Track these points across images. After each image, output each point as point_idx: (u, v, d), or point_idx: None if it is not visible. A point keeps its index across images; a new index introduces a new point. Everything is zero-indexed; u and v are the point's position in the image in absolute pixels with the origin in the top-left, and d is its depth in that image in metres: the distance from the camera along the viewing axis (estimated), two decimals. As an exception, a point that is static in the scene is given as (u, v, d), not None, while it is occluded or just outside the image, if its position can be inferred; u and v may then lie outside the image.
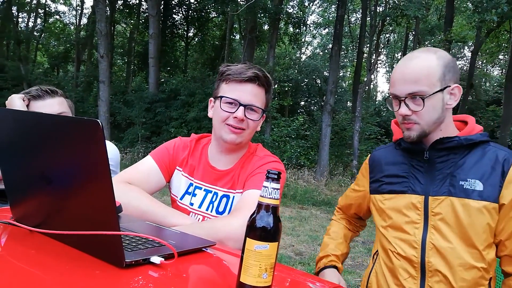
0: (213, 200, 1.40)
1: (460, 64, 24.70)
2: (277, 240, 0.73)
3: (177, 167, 1.48)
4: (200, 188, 1.43)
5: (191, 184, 1.45)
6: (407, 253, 1.26)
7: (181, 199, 1.47)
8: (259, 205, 0.74)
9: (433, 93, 1.20)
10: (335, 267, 1.47)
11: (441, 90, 1.21)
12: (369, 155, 1.50)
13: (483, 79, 24.21)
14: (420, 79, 1.20)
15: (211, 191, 1.41)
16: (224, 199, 1.39)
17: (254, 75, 1.33)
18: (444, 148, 1.25)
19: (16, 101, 1.64)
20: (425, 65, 1.21)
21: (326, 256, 1.51)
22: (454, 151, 1.25)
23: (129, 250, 0.83)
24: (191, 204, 1.43)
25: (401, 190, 1.31)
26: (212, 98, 1.43)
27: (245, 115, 1.33)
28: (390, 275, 1.32)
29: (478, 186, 1.20)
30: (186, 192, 1.46)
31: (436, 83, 1.21)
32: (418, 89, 1.20)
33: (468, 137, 1.24)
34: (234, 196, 1.39)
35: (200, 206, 1.41)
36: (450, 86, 1.23)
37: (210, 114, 1.43)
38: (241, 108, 1.32)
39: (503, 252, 1.22)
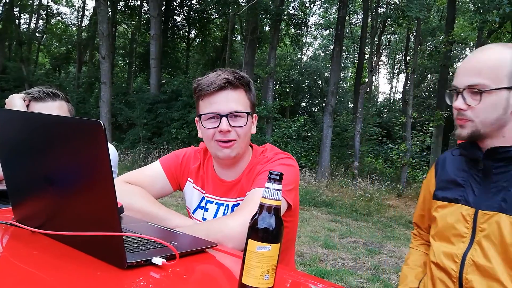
0: (226, 212, 1.37)
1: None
2: (279, 241, 0.73)
3: (189, 179, 1.46)
4: (212, 202, 1.40)
5: (203, 198, 1.43)
6: (446, 266, 1.19)
7: (193, 212, 1.45)
8: (261, 206, 0.73)
9: (496, 89, 1.05)
10: None
11: (508, 88, 1.06)
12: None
13: (485, 80, 24.13)
14: (483, 70, 1.07)
15: (222, 204, 1.38)
16: (235, 208, 1.35)
17: (224, 81, 1.25)
18: (501, 158, 1.10)
19: (16, 101, 1.64)
20: (494, 57, 1.08)
21: None
22: None
23: (130, 251, 0.83)
24: (204, 219, 1.40)
25: (455, 199, 1.21)
26: (196, 118, 1.36)
27: (230, 125, 1.26)
28: (431, 286, 1.26)
29: None
30: (199, 206, 1.44)
31: (503, 78, 1.06)
32: (478, 81, 1.07)
33: None
34: None
35: None
36: None
37: (199, 134, 1.36)
38: (224, 119, 1.25)
39: None
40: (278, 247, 0.72)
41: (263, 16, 14.09)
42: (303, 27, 20.09)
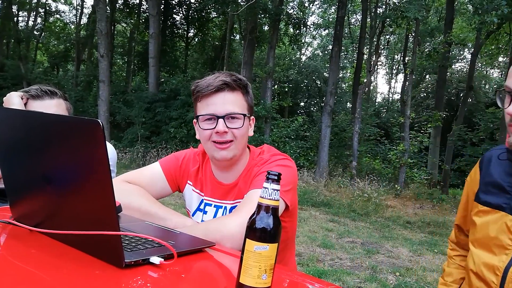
0: (224, 214, 1.37)
1: (459, 66, 24.74)
2: (277, 241, 0.73)
3: (188, 181, 1.46)
4: (210, 205, 1.40)
5: (202, 201, 1.43)
6: (486, 278, 1.10)
7: (193, 215, 1.45)
8: (259, 206, 0.74)
9: None
10: None
11: None
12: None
13: (483, 81, 24.26)
14: None
15: (221, 206, 1.38)
16: (234, 209, 1.36)
17: (221, 83, 1.27)
18: None
19: (14, 99, 1.63)
20: None
21: None
22: None
23: (128, 250, 0.83)
24: (203, 221, 1.40)
25: (498, 205, 1.11)
26: (194, 120, 1.37)
27: (227, 126, 1.26)
28: None
29: None
30: (198, 209, 1.44)
31: None
32: None
33: None
34: None
35: None
36: None
37: (197, 136, 1.37)
38: (220, 120, 1.26)
39: None
40: (276, 247, 0.72)
41: (262, 15, 14.09)
42: (302, 27, 20.08)
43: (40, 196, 0.90)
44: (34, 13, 23.28)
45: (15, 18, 22.17)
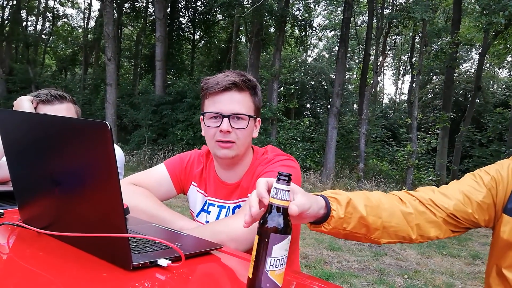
0: (227, 214, 1.37)
1: (467, 66, 24.55)
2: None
3: (193, 182, 1.46)
4: (214, 205, 1.41)
5: (206, 201, 1.43)
6: None
7: (197, 216, 1.45)
8: (270, 206, 0.75)
9: None
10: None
11: None
12: None
13: (491, 81, 24.01)
14: None
15: (224, 206, 1.39)
16: (237, 210, 1.35)
17: (230, 82, 1.26)
18: None
19: (25, 103, 1.65)
20: None
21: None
22: None
23: (136, 252, 0.83)
24: (207, 222, 1.41)
25: None
26: (201, 116, 1.37)
27: (231, 126, 1.26)
28: None
29: None
30: (202, 210, 1.44)
31: None
32: None
33: None
34: None
35: None
36: None
37: (202, 133, 1.37)
38: (225, 120, 1.25)
39: None
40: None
41: (268, 17, 14.09)
42: (308, 29, 20.06)
43: (48, 198, 0.91)
44: (42, 17, 23.52)
45: (24, 23, 22.42)
